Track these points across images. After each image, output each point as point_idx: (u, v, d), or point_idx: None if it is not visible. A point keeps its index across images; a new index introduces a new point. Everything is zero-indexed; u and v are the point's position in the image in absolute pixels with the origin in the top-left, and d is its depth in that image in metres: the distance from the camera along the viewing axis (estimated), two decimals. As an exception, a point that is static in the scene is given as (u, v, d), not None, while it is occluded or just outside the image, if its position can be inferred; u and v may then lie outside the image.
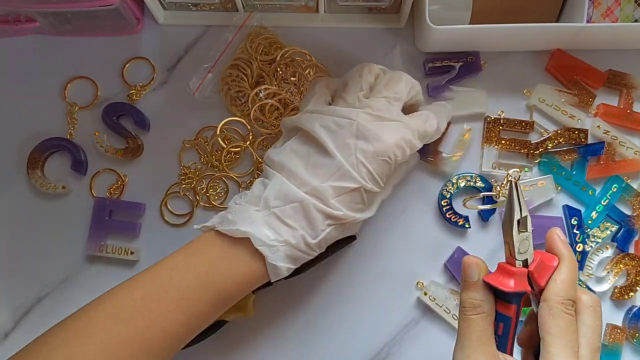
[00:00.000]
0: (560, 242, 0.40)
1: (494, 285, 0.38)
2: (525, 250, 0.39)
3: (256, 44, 0.60)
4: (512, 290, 0.37)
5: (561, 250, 0.40)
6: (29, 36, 0.62)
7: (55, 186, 0.59)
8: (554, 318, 0.37)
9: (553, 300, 0.37)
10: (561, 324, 0.37)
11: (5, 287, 0.58)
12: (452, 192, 0.59)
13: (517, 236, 0.39)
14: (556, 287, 0.38)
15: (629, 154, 0.61)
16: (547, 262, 0.39)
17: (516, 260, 0.38)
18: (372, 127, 0.46)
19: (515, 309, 0.38)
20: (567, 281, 0.38)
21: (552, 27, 0.58)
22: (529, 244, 0.39)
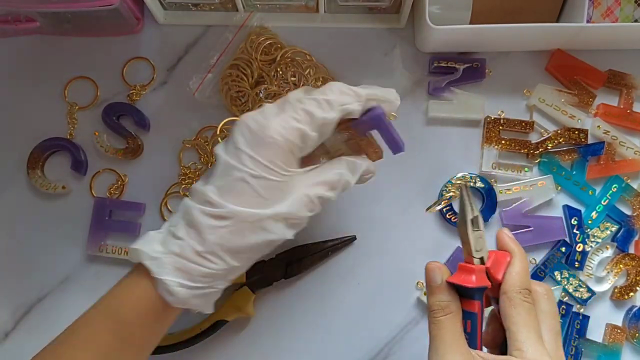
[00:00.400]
0: (509, 239, 0.43)
1: (458, 283, 0.39)
2: (481, 248, 0.41)
3: (256, 44, 0.60)
4: (475, 286, 0.39)
5: (511, 246, 0.42)
6: (29, 36, 0.62)
7: (55, 186, 0.59)
8: (515, 307, 0.39)
9: (511, 291, 0.40)
10: (522, 311, 0.39)
11: (6, 287, 0.58)
12: (451, 194, 0.59)
13: (472, 235, 0.41)
14: (512, 279, 0.40)
15: (629, 154, 0.61)
16: (501, 258, 0.41)
17: (474, 259, 0.40)
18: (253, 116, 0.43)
19: (479, 304, 0.39)
20: (521, 273, 0.40)
21: (552, 27, 0.58)
22: (483, 242, 0.41)
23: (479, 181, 0.59)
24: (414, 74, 0.62)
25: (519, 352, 0.37)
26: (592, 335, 0.58)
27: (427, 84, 0.62)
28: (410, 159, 0.60)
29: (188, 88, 0.60)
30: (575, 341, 0.57)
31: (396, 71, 0.62)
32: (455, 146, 0.61)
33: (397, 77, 0.62)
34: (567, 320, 0.58)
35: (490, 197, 0.59)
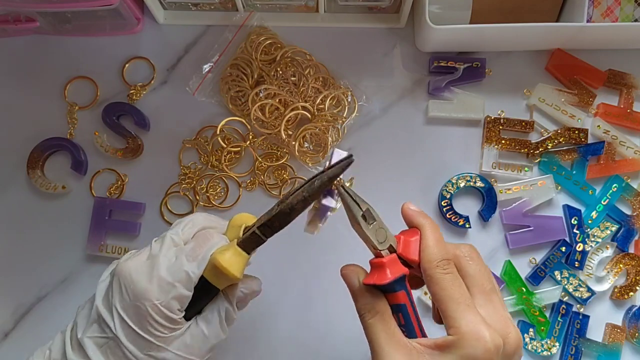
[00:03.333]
0: (414, 213, 0.41)
1: (373, 283, 0.38)
2: (384, 238, 0.39)
3: (256, 43, 0.60)
4: (391, 280, 0.37)
5: (417, 220, 0.40)
6: (29, 36, 0.62)
7: (55, 186, 0.59)
8: (436, 284, 0.37)
9: (429, 268, 0.38)
10: (445, 285, 0.37)
11: (5, 287, 0.58)
12: (452, 192, 0.59)
13: (369, 229, 0.39)
14: (426, 255, 0.38)
15: (629, 153, 0.61)
16: (410, 238, 0.39)
17: (381, 251, 0.39)
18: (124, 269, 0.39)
19: (403, 294, 0.38)
20: (432, 246, 0.39)
21: (552, 26, 0.58)
22: (385, 231, 0.39)
23: (479, 181, 0.59)
24: (414, 74, 0.62)
25: (453, 330, 0.36)
26: (592, 334, 0.58)
27: (427, 83, 0.62)
28: (410, 159, 0.60)
29: (188, 88, 0.60)
30: (575, 341, 0.57)
31: (396, 71, 0.62)
32: (455, 146, 0.61)
33: (397, 77, 0.62)
34: (567, 319, 0.58)
35: (490, 197, 0.59)
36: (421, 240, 0.39)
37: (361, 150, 0.61)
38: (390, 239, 0.39)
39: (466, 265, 0.39)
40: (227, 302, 0.42)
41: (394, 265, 0.38)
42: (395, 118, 0.61)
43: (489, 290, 0.38)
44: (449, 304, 0.36)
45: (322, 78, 0.60)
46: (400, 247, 0.39)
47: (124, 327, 0.38)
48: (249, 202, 0.60)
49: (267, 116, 0.59)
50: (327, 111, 0.59)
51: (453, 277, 0.38)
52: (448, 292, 0.37)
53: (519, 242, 0.59)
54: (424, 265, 0.38)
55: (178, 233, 0.41)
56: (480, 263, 0.39)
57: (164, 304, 0.38)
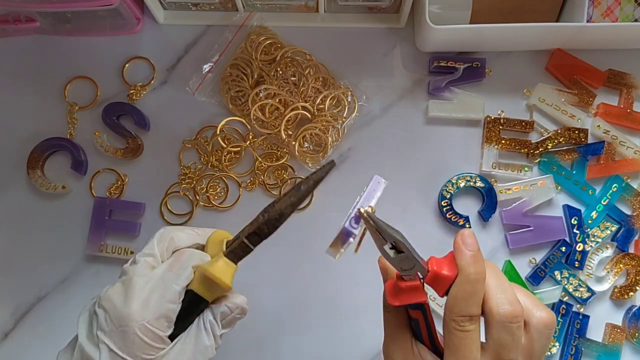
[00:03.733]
0: (463, 252, 0.37)
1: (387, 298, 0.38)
2: (411, 266, 0.37)
3: (256, 43, 0.60)
4: (398, 305, 0.37)
5: (460, 262, 0.36)
6: (29, 36, 0.62)
7: (55, 186, 0.59)
8: (447, 334, 0.36)
9: (447, 316, 0.36)
10: (453, 340, 0.35)
11: (6, 287, 0.58)
12: (452, 192, 0.59)
13: (394, 258, 0.37)
14: (449, 303, 0.36)
15: (629, 153, 0.61)
16: (444, 272, 0.37)
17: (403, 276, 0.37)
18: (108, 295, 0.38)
19: (419, 313, 0.38)
20: (459, 297, 0.36)
21: (552, 26, 0.58)
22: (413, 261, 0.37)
23: (479, 181, 0.59)
24: (414, 74, 0.62)
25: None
26: (592, 334, 0.58)
27: (427, 83, 0.62)
28: (411, 159, 0.60)
29: (188, 88, 0.60)
30: (575, 341, 0.57)
31: (396, 71, 0.62)
32: (455, 146, 0.61)
33: (396, 77, 0.62)
34: (567, 319, 0.58)
35: (490, 197, 0.59)
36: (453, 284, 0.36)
37: (361, 150, 0.61)
38: (419, 267, 0.37)
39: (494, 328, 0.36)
40: (214, 318, 0.40)
41: (412, 292, 0.37)
42: (395, 118, 0.61)
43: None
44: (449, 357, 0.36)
45: (322, 78, 0.60)
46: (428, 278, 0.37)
47: (111, 356, 0.36)
48: (249, 202, 0.60)
49: (267, 116, 0.59)
50: (327, 111, 0.59)
51: (464, 336, 0.35)
52: (454, 347, 0.36)
53: (519, 242, 0.59)
54: (445, 310, 0.36)
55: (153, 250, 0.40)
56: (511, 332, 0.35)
57: (151, 323, 0.37)
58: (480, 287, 0.36)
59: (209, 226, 0.58)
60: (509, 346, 0.35)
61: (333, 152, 0.60)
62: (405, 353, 0.38)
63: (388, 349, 0.39)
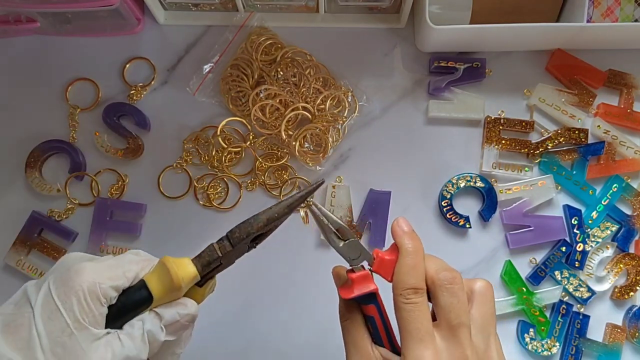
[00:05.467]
0: (398, 232, 0.40)
1: (341, 295, 0.39)
2: (358, 254, 0.39)
3: (256, 44, 0.60)
4: (355, 295, 0.38)
5: (398, 240, 0.40)
6: (30, 36, 0.62)
7: (50, 188, 0.59)
8: (398, 310, 0.38)
9: (394, 294, 0.38)
10: (403, 315, 0.37)
11: (6, 288, 0.58)
12: (452, 192, 0.59)
13: (341, 246, 0.40)
14: (395, 280, 0.38)
15: (629, 153, 0.61)
16: (387, 256, 0.39)
17: (353, 267, 0.39)
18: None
19: (372, 307, 0.39)
20: (403, 272, 0.38)
21: (552, 26, 0.58)
22: (359, 248, 0.39)
23: (479, 181, 0.59)
24: (414, 74, 0.62)
25: (402, 357, 0.37)
26: (592, 334, 0.58)
27: (427, 83, 0.62)
28: (411, 159, 0.60)
29: (188, 88, 0.60)
30: (575, 341, 0.57)
31: (396, 71, 0.62)
32: (455, 146, 0.61)
33: (397, 77, 0.62)
34: (568, 319, 0.58)
35: (490, 197, 0.59)
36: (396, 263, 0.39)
37: (361, 150, 0.61)
38: (365, 255, 0.40)
39: (439, 295, 0.38)
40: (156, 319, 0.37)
41: (363, 281, 0.39)
42: (396, 118, 0.61)
43: (454, 325, 0.37)
44: (403, 333, 0.37)
45: (322, 78, 0.60)
46: (375, 264, 0.40)
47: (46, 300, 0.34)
48: (249, 202, 0.60)
49: (268, 116, 0.59)
50: (327, 111, 0.59)
51: (412, 308, 0.37)
52: (405, 322, 0.37)
53: (519, 242, 0.59)
54: (393, 288, 0.38)
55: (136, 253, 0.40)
56: (454, 294, 0.38)
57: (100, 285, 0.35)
58: (420, 260, 0.39)
59: (209, 226, 0.59)
60: (457, 309, 0.37)
61: (333, 152, 0.60)
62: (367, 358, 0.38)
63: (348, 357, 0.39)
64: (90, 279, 0.35)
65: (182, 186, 0.60)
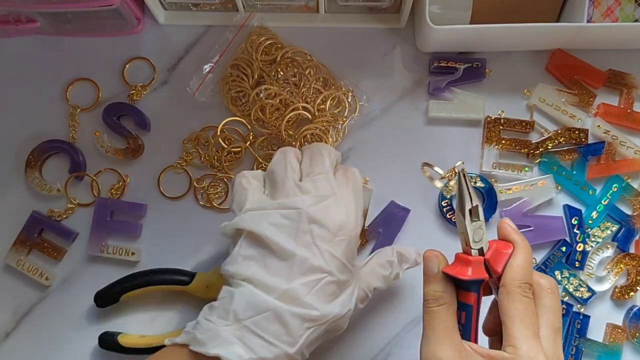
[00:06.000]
0: (512, 230, 0.41)
1: (453, 275, 0.39)
2: (480, 239, 0.40)
3: (256, 44, 0.60)
4: (470, 278, 0.38)
5: (513, 237, 0.41)
6: (30, 36, 0.62)
7: (50, 188, 0.59)
8: (512, 302, 0.38)
9: (510, 284, 0.38)
10: (520, 306, 0.38)
11: (6, 287, 0.58)
12: (452, 192, 0.59)
13: (470, 225, 0.40)
14: (512, 272, 0.39)
15: (629, 153, 0.61)
16: (502, 250, 0.40)
17: (472, 249, 0.39)
18: (321, 210, 0.43)
19: (475, 297, 0.39)
20: (522, 266, 0.39)
21: (552, 26, 0.58)
22: (483, 233, 0.40)
23: (480, 181, 0.59)
24: (414, 74, 0.62)
25: (512, 349, 0.36)
26: (592, 334, 0.58)
27: (427, 83, 0.62)
28: (411, 159, 0.60)
29: (188, 88, 0.60)
30: (575, 341, 0.57)
31: (396, 71, 0.62)
32: (455, 146, 0.61)
33: (397, 77, 0.62)
34: (568, 319, 0.58)
35: (490, 197, 0.59)
36: (511, 256, 0.39)
37: (361, 150, 0.61)
38: (484, 243, 0.40)
39: (545, 296, 0.39)
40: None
41: (478, 267, 0.39)
42: (396, 118, 0.61)
43: (557, 328, 0.39)
44: (518, 325, 0.37)
45: (322, 78, 0.60)
46: (489, 253, 0.40)
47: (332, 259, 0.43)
48: (249, 202, 0.60)
49: (268, 116, 0.59)
50: (327, 111, 0.59)
51: (529, 302, 0.38)
52: (520, 314, 0.37)
53: (520, 238, 0.59)
54: (507, 280, 0.39)
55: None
56: (557, 301, 0.40)
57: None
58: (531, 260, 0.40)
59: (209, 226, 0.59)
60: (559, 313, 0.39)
61: (333, 153, 0.60)
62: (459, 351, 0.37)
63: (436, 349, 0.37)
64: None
65: (182, 186, 0.60)
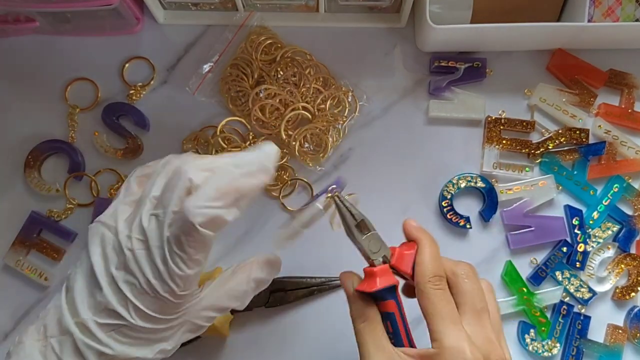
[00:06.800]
0: (414, 229, 0.42)
1: (362, 290, 0.39)
2: (378, 248, 0.41)
3: (256, 43, 0.60)
4: (379, 288, 0.38)
5: (415, 235, 0.41)
6: (28, 36, 0.62)
7: (49, 188, 0.59)
8: (426, 298, 0.39)
9: (420, 282, 0.39)
10: (434, 300, 0.38)
11: (5, 288, 0.58)
12: (453, 192, 0.59)
13: (363, 239, 0.40)
14: (419, 269, 0.40)
15: (630, 153, 0.60)
16: (406, 251, 0.41)
17: (373, 260, 0.40)
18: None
19: (393, 303, 0.39)
20: (427, 261, 0.40)
21: (553, 26, 0.58)
22: (380, 242, 0.41)
23: (480, 181, 0.59)
24: (414, 74, 0.62)
25: (436, 343, 0.37)
26: (593, 335, 0.58)
27: (427, 83, 0.62)
28: (411, 159, 0.60)
29: (188, 88, 0.60)
30: (576, 341, 0.57)
31: (397, 71, 0.62)
32: (456, 146, 0.61)
33: (397, 77, 0.62)
34: (569, 320, 0.57)
35: (491, 197, 0.59)
36: (416, 255, 0.40)
37: (362, 150, 0.60)
38: (385, 250, 0.41)
39: (461, 282, 0.40)
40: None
41: (385, 275, 0.39)
42: (396, 118, 0.61)
43: (479, 309, 0.39)
44: (435, 319, 0.38)
45: (322, 78, 0.60)
46: (394, 259, 0.40)
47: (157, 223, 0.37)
48: (249, 202, 0.59)
49: (268, 116, 0.59)
50: (327, 111, 0.59)
51: (442, 293, 0.39)
52: (436, 307, 0.38)
53: (520, 242, 0.59)
54: (417, 279, 0.39)
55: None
56: (475, 282, 0.40)
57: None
58: (439, 251, 0.41)
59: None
60: (479, 295, 0.40)
61: (333, 153, 0.60)
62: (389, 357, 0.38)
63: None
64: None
65: (181, 186, 0.60)
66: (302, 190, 0.60)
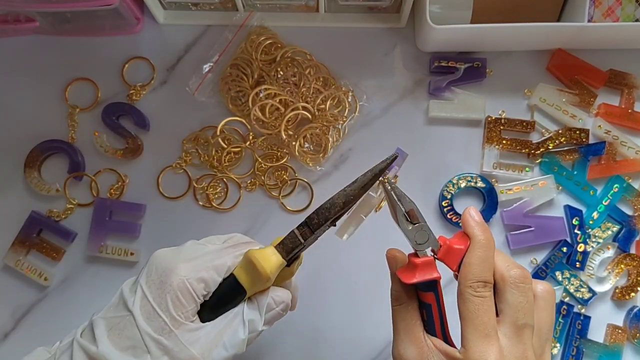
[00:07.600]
0: (471, 222, 0.39)
1: (400, 279, 0.38)
2: (425, 239, 0.39)
3: (256, 43, 0.60)
4: (414, 282, 0.37)
5: (470, 231, 0.39)
6: (29, 36, 0.62)
7: (49, 188, 0.59)
8: (463, 303, 0.37)
9: (462, 284, 0.37)
10: (470, 307, 0.36)
11: (5, 288, 0.58)
12: (453, 192, 0.59)
13: (410, 229, 0.39)
14: (464, 270, 0.37)
15: (630, 153, 0.60)
16: (456, 246, 0.38)
17: (419, 251, 0.39)
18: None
19: (431, 295, 0.38)
20: (474, 263, 0.37)
21: (553, 26, 0.58)
22: (427, 234, 0.39)
23: (480, 181, 0.59)
24: (414, 74, 0.62)
25: (463, 349, 0.36)
26: (593, 335, 0.58)
27: (427, 83, 0.62)
28: (411, 159, 0.60)
29: (188, 88, 0.60)
30: (576, 341, 0.57)
31: (397, 71, 0.62)
32: (456, 146, 0.61)
33: (397, 77, 0.62)
34: (568, 320, 0.57)
35: (491, 197, 0.59)
36: (466, 253, 0.38)
37: (362, 150, 0.60)
38: (432, 242, 0.39)
39: (508, 291, 0.37)
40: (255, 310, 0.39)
41: (427, 267, 0.38)
42: (396, 118, 0.61)
43: (520, 325, 0.36)
44: (467, 326, 0.36)
45: (322, 78, 0.60)
46: (441, 252, 0.39)
47: (143, 303, 0.37)
48: (249, 203, 0.59)
49: (268, 116, 0.59)
50: (327, 111, 0.59)
51: (482, 302, 0.36)
52: (470, 315, 0.36)
53: (520, 242, 0.59)
54: (459, 279, 0.37)
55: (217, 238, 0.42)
56: (524, 293, 0.37)
57: (190, 281, 0.37)
58: (491, 254, 0.38)
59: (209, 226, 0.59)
60: (524, 309, 0.37)
61: (333, 152, 0.60)
62: (419, 347, 0.37)
63: (399, 347, 0.38)
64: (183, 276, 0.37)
65: (181, 186, 0.60)
66: (302, 190, 0.60)
